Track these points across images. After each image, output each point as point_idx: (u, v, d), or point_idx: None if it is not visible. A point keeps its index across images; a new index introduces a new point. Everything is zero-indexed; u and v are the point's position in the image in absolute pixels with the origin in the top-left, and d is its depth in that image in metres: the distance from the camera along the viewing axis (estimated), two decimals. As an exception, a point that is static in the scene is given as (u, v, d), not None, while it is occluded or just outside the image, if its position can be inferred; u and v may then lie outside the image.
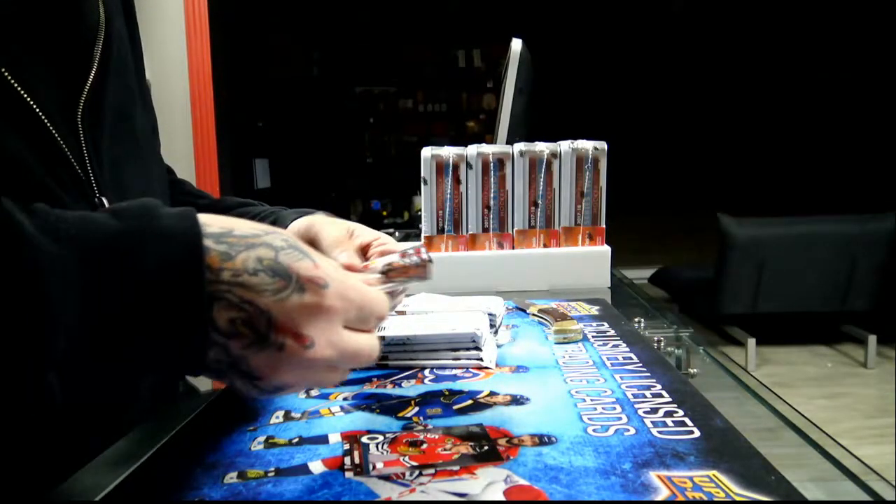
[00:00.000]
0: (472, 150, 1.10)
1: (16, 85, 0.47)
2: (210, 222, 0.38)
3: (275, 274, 0.37)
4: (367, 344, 0.42)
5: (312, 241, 0.64)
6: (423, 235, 1.12)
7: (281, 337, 0.37)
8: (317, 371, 0.39)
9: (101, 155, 0.54)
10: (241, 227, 0.39)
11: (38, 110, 0.48)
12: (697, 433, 0.48)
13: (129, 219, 0.36)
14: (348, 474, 0.44)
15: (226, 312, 0.36)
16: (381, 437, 0.50)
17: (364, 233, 0.62)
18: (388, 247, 0.61)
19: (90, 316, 0.33)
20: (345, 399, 0.59)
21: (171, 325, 0.35)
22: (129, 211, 0.36)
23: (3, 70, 0.46)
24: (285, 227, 0.68)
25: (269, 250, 0.38)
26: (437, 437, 0.49)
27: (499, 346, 0.73)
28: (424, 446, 0.48)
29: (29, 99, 0.47)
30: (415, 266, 0.54)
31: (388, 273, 0.53)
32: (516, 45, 1.35)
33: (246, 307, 0.36)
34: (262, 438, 0.51)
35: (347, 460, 0.46)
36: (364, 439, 0.49)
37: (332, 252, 0.61)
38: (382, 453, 0.47)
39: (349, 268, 0.60)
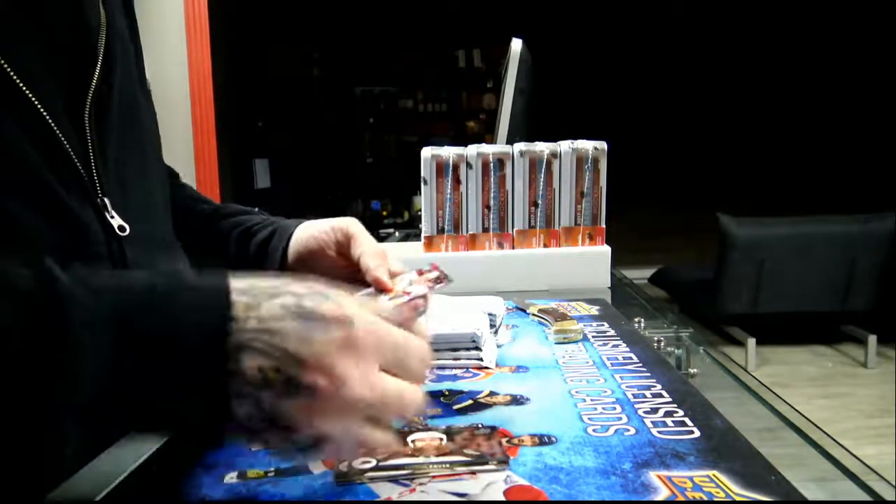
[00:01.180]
0: (472, 150, 1.10)
1: (20, 83, 0.47)
2: (237, 279, 0.38)
3: (299, 317, 0.37)
4: (409, 388, 0.39)
5: (345, 241, 0.65)
6: (423, 235, 1.12)
7: (312, 377, 0.36)
8: (356, 419, 0.37)
9: (106, 154, 0.54)
10: (265, 280, 0.39)
11: (41, 109, 0.48)
12: (697, 433, 0.48)
13: (161, 276, 0.37)
14: (348, 474, 0.44)
15: (254, 360, 0.35)
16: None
17: (395, 262, 0.63)
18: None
19: (121, 368, 0.34)
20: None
21: (197, 372, 0.35)
22: (163, 271, 0.39)
23: (7, 68, 0.46)
24: (289, 234, 0.68)
25: (293, 297, 0.38)
26: (437, 437, 0.49)
27: (499, 346, 0.73)
28: (424, 446, 0.48)
29: (32, 97, 0.47)
30: (435, 279, 0.55)
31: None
32: (516, 45, 1.35)
33: (273, 352, 0.35)
34: (262, 438, 0.51)
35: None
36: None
37: (369, 259, 0.61)
38: (382, 453, 0.47)
39: (380, 286, 0.60)
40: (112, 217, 0.53)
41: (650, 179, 5.80)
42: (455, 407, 0.56)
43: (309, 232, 0.67)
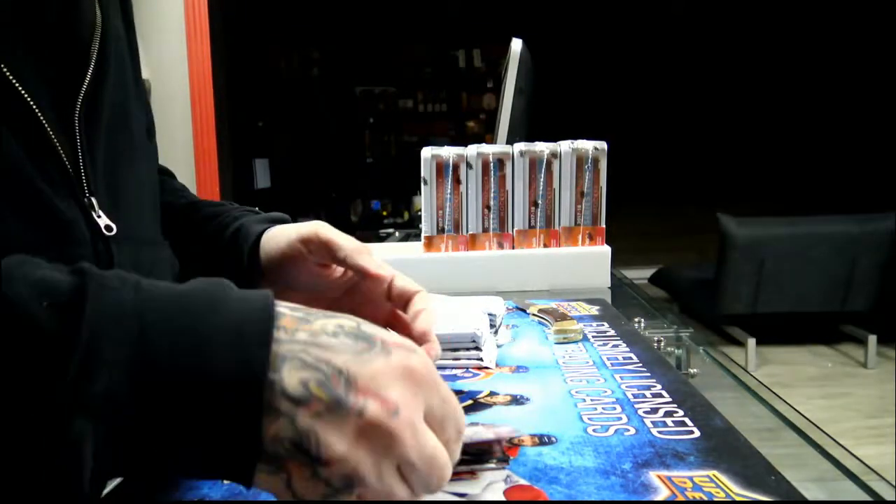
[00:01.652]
0: (472, 150, 1.10)
1: (13, 80, 0.46)
2: (285, 301, 0.35)
3: (357, 338, 0.33)
4: (443, 452, 0.34)
5: (322, 248, 0.58)
6: (423, 235, 1.12)
7: (362, 399, 0.31)
8: (391, 468, 0.32)
9: (95, 153, 0.53)
10: (317, 309, 0.36)
11: (33, 105, 0.48)
12: (697, 433, 0.48)
13: (202, 282, 0.34)
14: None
15: (297, 373, 0.31)
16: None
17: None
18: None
19: (138, 359, 0.30)
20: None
21: (226, 381, 0.31)
22: (204, 279, 0.35)
23: (2, 66, 0.46)
24: (255, 238, 0.62)
25: (351, 321, 0.35)
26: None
27: (499, 346, 0.73)
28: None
29: (25, 93, 0.47)
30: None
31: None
32: (516, 45, 1.35)
33: (322, 367, 0.31)
34: (262, 438, 0.50)
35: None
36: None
37: (356, 258, 0.55)
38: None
39: (376, 275, 0.55)
40: (99, 216, 0.52)
41: (651, 179, 5.80)
42: (455, 407, 0.56)
43: (276, 243, 0.61)
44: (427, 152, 1.10)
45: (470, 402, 0.57)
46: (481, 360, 0.66)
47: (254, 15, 5.09)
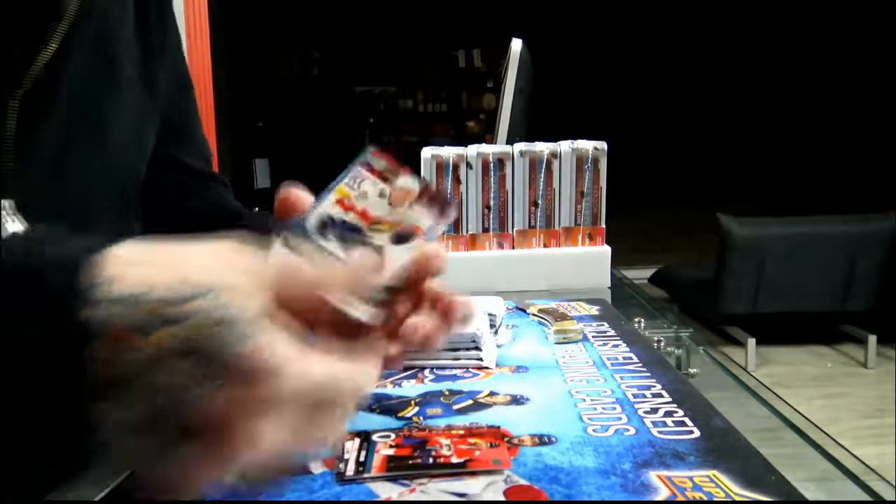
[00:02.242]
0: (472, 150, 1.10)
1: None
2: (122, 273, 0.27)
3: (200, 363, 0.27)
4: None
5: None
6: (423, 235, 1.12)
7: (199, 436, 0.27)
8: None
9: (38, 143, 0.49)
10: (168, 278, 0.27)
11: None
12: (697, 433, 0.48)
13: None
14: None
15: (127, 407, 0.27)
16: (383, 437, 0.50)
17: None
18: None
19: None
20: (345, 399, 0.59)
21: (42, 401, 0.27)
22: (11, 241, 0.30)
23: None
24: None
25: (201, 326, 0.27)
26: (437, 437, 0.49)
27: (499, 346, 0.73)
28: (424, 446, 0.48)
29: None
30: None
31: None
32: (516, 45, 1.35)
33: (157, 397, 0.27)
34: (262, 438, 0.50)
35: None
36: (374, 438, 0.49)
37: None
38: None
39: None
40: (12, 221, 0.46)
41: (650, 179, 5.80)
42: (455, 407, 0.56)
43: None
44: (427, 152, 1.10)
45: (470, 401, 0.57)
46: (481, 360, 0.66)
47: (254, 15, 5.09)
